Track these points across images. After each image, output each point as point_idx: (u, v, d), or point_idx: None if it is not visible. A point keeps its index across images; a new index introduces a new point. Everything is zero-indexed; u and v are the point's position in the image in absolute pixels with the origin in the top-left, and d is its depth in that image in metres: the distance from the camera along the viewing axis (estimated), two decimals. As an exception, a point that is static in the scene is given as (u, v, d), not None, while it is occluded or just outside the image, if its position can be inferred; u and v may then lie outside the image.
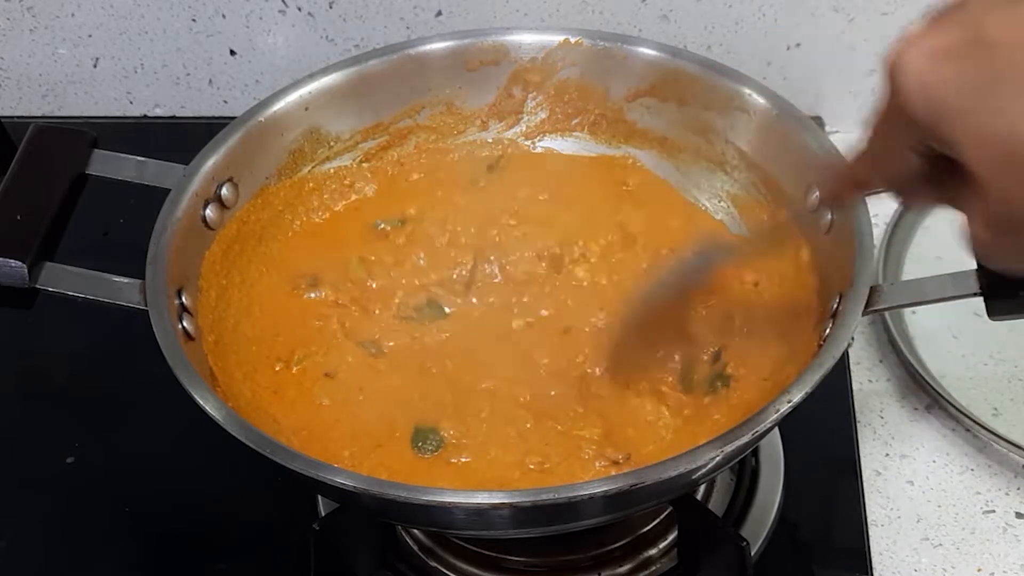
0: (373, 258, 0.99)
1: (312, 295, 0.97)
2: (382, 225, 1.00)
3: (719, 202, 0.99)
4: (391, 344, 0.94)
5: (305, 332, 0.95)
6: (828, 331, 0.82)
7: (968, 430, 0.99)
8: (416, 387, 0.92)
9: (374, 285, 0.97)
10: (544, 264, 0.98)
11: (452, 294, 0.97)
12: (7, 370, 1.10)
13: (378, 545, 0.92)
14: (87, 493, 1.00)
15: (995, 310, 0.83)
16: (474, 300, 0.97)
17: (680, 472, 0.76)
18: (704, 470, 0.78)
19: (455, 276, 0.98)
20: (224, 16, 1.20)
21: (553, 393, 0.91)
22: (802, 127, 0.93)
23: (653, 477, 0.75)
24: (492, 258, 0.99)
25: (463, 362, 0.93)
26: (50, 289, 0.87)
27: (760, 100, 0.95)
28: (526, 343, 0.94)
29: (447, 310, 0.97)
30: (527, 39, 1.00)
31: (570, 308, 0.96)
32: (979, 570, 0.93)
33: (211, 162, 0.93)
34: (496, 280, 0.98)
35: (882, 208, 1.11)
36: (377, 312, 0.96)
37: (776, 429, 0.96)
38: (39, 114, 1.28)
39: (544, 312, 0.96)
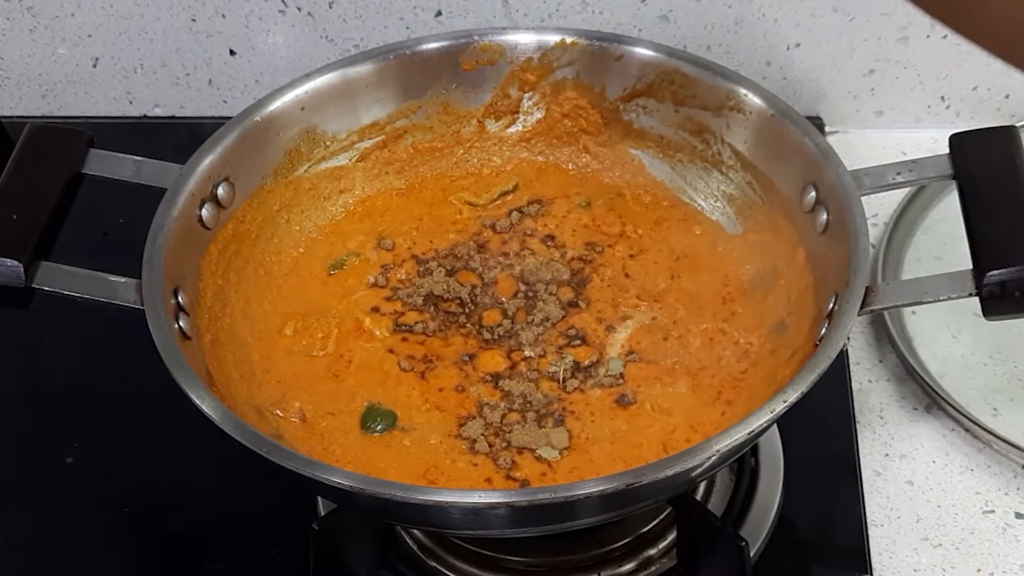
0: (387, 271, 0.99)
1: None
2: (387, 242, 1.00)
3: (715, 202, 0.99)
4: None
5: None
6: (824, 331, 0.83)
7: (968, 430, 0.99)
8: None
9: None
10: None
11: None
12: (7, 370, 1.10)
13: (378, 545, 0.92)
14: (87, 493, 1.00)
15: (991, 310, 0.83)
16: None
17: (676, 471, 0.76)
18: (700, 469, 0.78)
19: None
20: (224, 16, 1.20)
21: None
22: (798, 127, 0.92)
23: (649, 476, 0.75)
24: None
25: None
26: (46, 288, 0.87)
27: (756, 100, 0.95)
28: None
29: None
30: (523, 39, 1.00)
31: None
32: (979, 570, 0.92)
33: (207, 162, 0.93)
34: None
35: (882, 208, 1.11)
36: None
37: (776, 429, 0.97)
38: (39, 114, 1.28)
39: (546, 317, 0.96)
